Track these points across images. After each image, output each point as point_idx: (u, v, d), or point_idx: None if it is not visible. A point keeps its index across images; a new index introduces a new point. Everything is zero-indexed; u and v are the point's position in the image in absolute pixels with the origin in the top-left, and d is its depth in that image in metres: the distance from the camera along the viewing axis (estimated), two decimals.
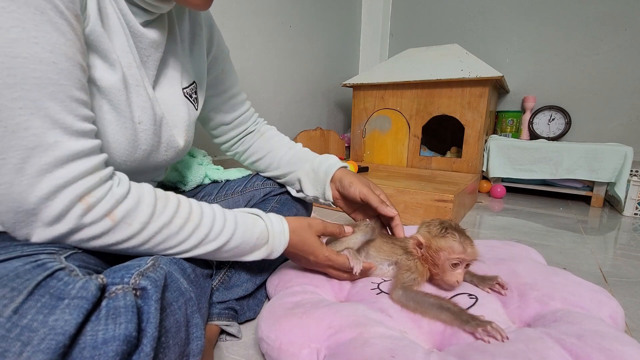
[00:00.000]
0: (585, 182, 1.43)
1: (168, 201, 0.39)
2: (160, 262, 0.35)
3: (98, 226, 0.33)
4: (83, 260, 0.34)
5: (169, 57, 0.50)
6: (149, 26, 0.45)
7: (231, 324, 0.51)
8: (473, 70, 1.42)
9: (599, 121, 1.66)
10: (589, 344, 0.38)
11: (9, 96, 0.27)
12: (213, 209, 0.43)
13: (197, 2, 0.42)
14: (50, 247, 0.32)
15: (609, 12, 1.56)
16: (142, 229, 0.36)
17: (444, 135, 1.89)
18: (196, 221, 0.40)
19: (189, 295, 0.36)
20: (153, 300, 0.30)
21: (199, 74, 0.57)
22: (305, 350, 0.42)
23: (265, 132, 0.72)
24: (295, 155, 0.69)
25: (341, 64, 2.01)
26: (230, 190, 0.68)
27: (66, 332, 0.25)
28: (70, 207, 0.31)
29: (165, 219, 0.37)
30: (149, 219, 0.36)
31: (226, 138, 0.70)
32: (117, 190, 0.34)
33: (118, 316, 0.27)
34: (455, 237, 0.51)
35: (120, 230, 0.34)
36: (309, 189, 0.67)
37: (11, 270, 0.26)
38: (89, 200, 0.32)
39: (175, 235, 0.38)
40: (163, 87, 0.49)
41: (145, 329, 0.29)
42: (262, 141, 0.71)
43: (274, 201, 0.68)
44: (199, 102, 0.57)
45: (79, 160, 0.31)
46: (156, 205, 0.37)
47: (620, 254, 0.90)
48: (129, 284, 0.30)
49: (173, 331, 0.32)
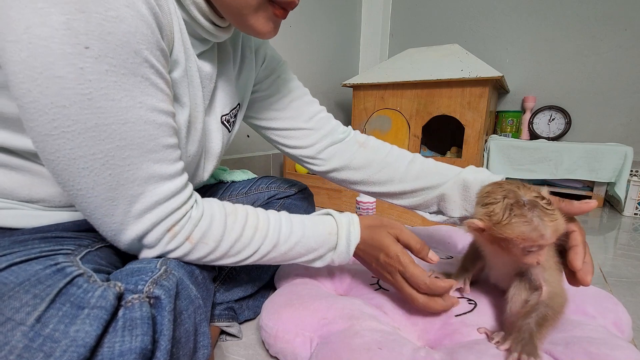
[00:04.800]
0: (585, 182, 1.43)
1: (237, 215, 0.42)
2: (171, 268, 0.35)
3: (180, 249, 0.38)
4: (95, 261, 0.34)
5: (219, 86, 0.50)
6: (202, 57, 0.45)
7: (231, 325, 0.51)
8: (473, 70, 1.42)
9: (599, 121, 1.66)
10: (574, 350, 0.38)
11: (120, 156, 0.32)
12: (278, 214, 0.46)
13: (264, 30, 0.41)
14: (67, 246, 0.33)
15: (609, 12, 1.56)
16: (217, 246, 0.40)
17: (444, 135, 1.88)
18: (264, 229, 0.43)
19: (198, 303, 0.36)
20: (167, 311, 0.30)
21: (243, 95, 0.56)
22: (299, 338, 0.45)
23: (366, 142, 0.61)
24: (424, 168, 0.58)
25: (341, 64, 2.01)
26: (235, 191, 0.68)
27: (87, 344, 0.25)
28: (160, 237, 0.36)
29: (237, 233, 0.41)
30: (221, 235, 0.40)
31: (309, 152, 0.60)
32: (194, 214, 0.38)
33: (134, 328, 0.27)
34: (527, 218, 0.38)
35: (198, 250, 0.39)
36: (456, 208, 0.54)
37: (32, 274, 0.27)
38: (174, 230, 0.37)
39: (248, 246, 0.42)
40: (207, 117, 0.49)
41: (158, 341, 0.29)
42: (369, 153, 0.60)
43: (278, 205, 0.67)
44: (235, 126, 0.56)
45: (170, 200, 0.36)
46: (227, 222, 0.41)
47: (620, 254, 0.90)
48: (143, 292, 0.30)
49: (183, 342, 0.32)
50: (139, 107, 0.32)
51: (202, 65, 0.44)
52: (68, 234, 0.38)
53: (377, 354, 0.38)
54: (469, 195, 0.52)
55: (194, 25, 0.41)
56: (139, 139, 0.32)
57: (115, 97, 0.30)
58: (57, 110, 0.28)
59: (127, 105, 0.31)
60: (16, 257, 0.28)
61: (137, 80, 0.31)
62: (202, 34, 0.43)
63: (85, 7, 0.27)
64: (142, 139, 0.33)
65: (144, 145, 0.33)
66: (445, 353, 0.40)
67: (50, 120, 0.29)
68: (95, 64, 0.29)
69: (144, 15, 0.31)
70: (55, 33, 0.27)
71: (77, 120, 0.29)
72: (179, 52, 0.39)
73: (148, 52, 0.32)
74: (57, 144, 0.29)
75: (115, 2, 0.29)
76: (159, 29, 0.33)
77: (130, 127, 0.32)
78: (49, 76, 0.28)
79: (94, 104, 0.29)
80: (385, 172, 0.60)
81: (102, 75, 0.29)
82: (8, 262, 0.27)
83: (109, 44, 0.29)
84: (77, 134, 0.29)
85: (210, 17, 0.41)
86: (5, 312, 0.24)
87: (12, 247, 0.30)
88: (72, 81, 0.28)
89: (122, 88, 0.30)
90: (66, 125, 0.29)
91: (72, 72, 0.28)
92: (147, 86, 0.32)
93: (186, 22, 0.40)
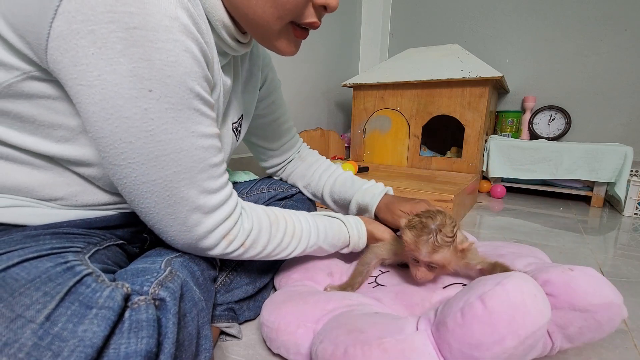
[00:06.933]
0: (585, 182, 1.43)
1: (278, 224, 0.49)
2: (175, 269, 0.36)
3: (236, 252, 0.44)
4: (103, 260, 0.36)
5: (231, 96, 0.54)
6: (224, 70, 0.48)
7: (231, 325, 0.51)
8: (473, 70, 1.42)
9: (599, 121, 1.66)
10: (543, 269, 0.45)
11: (176, 179, 0.36)
12: (306, 219, 0.54)
13: (287, 51, 0.46)
14: (77, 244, 0.34)
15: (609, 12, 1.56)
16: (264, 249, 0.47)
17: (444, 135, 1.88)
18: (299, 235, 0.51)
19: (201, 305, 0.36)
20: (171, 314, 0.30)
21: (247, 108, 0.61)
22: (301, 330, 0.46)
23: (305, 158, 0.75)
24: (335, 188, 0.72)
25: (341, 64, 2.01)
26: (236, 192, 0.69)
27: (94, 344, 0.25)
28: (217, 242, 0.41)
29: (279, 240, 0.48)
30: (267, 242, 0.47)
31: (271, 164, 0.75)
32: (246, 226, 0.44)
33: (140, 330, 0.28)
34: (417, 232, 0.49)
35: (249, 252, 0.45)
36: None
37: (43, 271, 0.27)
38: (230, 237, 0.42)
39: (285, 249, 0.50)
40: (222, 125, 0.53)
41: (162, 344, 0.29)
42: (303, 168, 0.75)
43: (279, 206, 0.68)
44: (241, 134, 0.60)
45: (217, 211, 0.40)
46: (271, 231, 0.47)
47: (621, 254, 0.90)
48: (149, 293, 0.30)
49: (186, 345, 0.33)
50: (192, 135, 0.36)
51: (225, 79, 0.48)
52: (78, 231, 0.39)
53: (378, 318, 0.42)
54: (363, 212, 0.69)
55: (221, 43, 0.45)
56: (191, 163, 0.37)
57: (173, 130, 0.34)
58: (125, 145, 0.33)
59: (182, 136, 0.35)
60: (28, 252, 0.29)
61: (190, 113, 0.35)
62: (226, 50, 0.46)
63: (150, 56, 0.31)
64: (194, 162, 0.37)
65: (195, 167, 0.37)
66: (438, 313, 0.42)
67: (120, 154, 0.33)
68: (157, 104, 0.33)
69: (195, 55, 0.35)
70: (123, 80, 0.31)
71: (141, 153, 0.34)
72: (216, 74, 0.43)
73: (199, 86, 0.36)
74: (124, 172, 0.34)
75: (174, 48, 0.32)
76: (205, 62, 0.37)
77: (185, 155, 0.36)
78: (119, 117, 0.32)
79: (155, 138, 0.34)
80: (312, 185, 0.74)
81: (163, 113, 0.33)
82: (20, 258, 0.28)
83: (169, 86, 0.33)
84: (141, 164, 0.34)
85: (235, 36, 0.45)
86: (15, 308, 0.24)
87: (24, 242, 0.31)
88: (138, 120, 0.32)
89: (178, 122, 0.34)
90: (132, 157, 0.34)
91: (137, 112, 0.32)
92: (198, 116, 0.36)
93: (215, 42, 0.43)
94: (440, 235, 0.48)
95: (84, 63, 0.30)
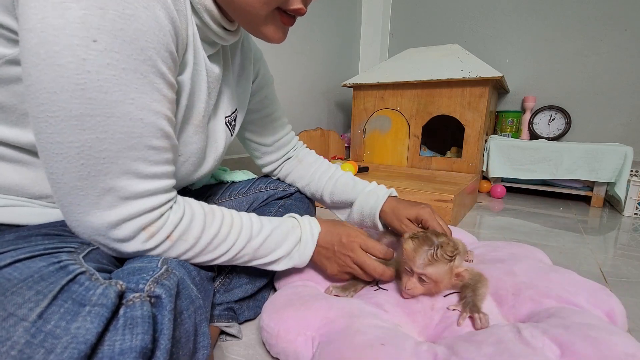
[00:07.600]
0: (585, 182, 1.43)
1: (214, 213, 0.44)
2: (172, 267, 0.36)
3: (160, 247, 0.38)
4: (98, 260, 0.35)
5: (223, 88, 0.52)
6: (211, 59, 0.47)
7: (231, 325, 0.51)
8: (473, 70, 1.42)
9: (599, 121, 1.65)
10: (575, 333, 0.39)
11: (97, 148, 0.32)
12: (248, 214, 0.49)
13: (274, 37, 0.44)
14: (70, 244, 0.33)
15: (609, 12, 1.56)
16: (196, 242, 0.41)
17: (444, 135, 1.88)
18: (239, 225, 0.45)
19: (198, 303, 0.36)
20: (167, 310, 0.30)
21: (241, 102, 0.59)
22: (300, 338, 0.45)
23: (303, 159, 0.73)
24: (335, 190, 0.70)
25: (341, 64, 2.01)
26: (235, 191, 0.69)
27: (87, 341, 0.25)
28: (134, 234, 0.36)
29: (215, 230, 0.42)
30: (201, 232, 0.41)
31: (266, 161, 0.72)
32: (173, 219, 0.39)
33: (135, 326, 0.27)
34: (419, 242, 0.50)
35: (178, 246, 0.40)
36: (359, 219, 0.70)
37: (35, 271, 0.27)
38: (151, 230, 0.37)
39: (224, 241, 0.43)
40: (212, 117, 0.51)
41: (158, 340, 0.29)
42: (302, 169, 0.73)
43: (278, 205, 0.68)
44: (236, 129, 0.59)
45: (140, 200, 0.36)
46: (205, 220, 0.42)
47: (621, 254, 0.90)
48: (144, 291, 0.30)
49: (183, 342, 0.32)
50: (130, 103, 0.32)
51: (212, 67, 0.46)
52: None
53: (381, 350, 0.39)
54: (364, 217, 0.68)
55: (206, 29, 0.43)
56: (120, 134, 0.32)
57: (109, 90, 0.30)
58: (47, 96, 0.29)
59: (117, 99, 0.31)
60: (20, 253, 0.28)
61: (135, 77, 0.32)
62: (212, 37, 0.44)
63: (104, 4, 0.29)
64: (124, 134, 0.32)
65: (125, 141, 0.33)
66: (446, 346, 0.41)
67: (39, 104, 0.30)
68: (98, 56, 0.29)
69: (159, 17, 0.32)
70: (68, 25, 0.28)
71: (64, 107, 0.30)
72: (190, 55, 0.41)
73: (154, 52, 0.32)
74: (40, 127, 0.30)
75: (135, 2, 0.30)
76: (174, 34, 0.34)
77: (114, 122, 0.32)
78: (50, 64, 0.28)
79: (85, 94, 0.30)
80: (312, 186, 0.72)
81: (102, 68, 0.30)
82: (12, 259, 0.27)
83: (117, 39, 0.30)
84: (60, 121, 0.30)
85: (220, 22, 0.43)
86: (7, 307, 0.24)
87: (17, 243, 0.30)
88: (70, 70, 0.29)
89: (117, 82, 0.31)
90: (52, 110, 0.30)
91: (73, 62, 0.29)
92: (144, 84, 0.32)
93: (198, 27, 0.42)
94: (440, 251, 0.48)
95: (32, 6, 0.28)
